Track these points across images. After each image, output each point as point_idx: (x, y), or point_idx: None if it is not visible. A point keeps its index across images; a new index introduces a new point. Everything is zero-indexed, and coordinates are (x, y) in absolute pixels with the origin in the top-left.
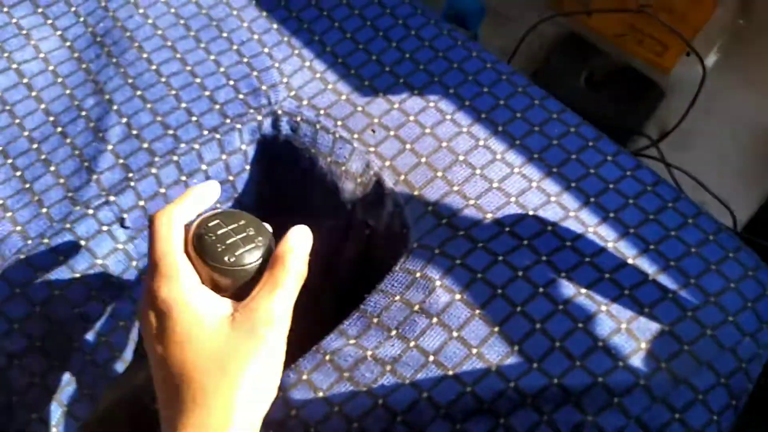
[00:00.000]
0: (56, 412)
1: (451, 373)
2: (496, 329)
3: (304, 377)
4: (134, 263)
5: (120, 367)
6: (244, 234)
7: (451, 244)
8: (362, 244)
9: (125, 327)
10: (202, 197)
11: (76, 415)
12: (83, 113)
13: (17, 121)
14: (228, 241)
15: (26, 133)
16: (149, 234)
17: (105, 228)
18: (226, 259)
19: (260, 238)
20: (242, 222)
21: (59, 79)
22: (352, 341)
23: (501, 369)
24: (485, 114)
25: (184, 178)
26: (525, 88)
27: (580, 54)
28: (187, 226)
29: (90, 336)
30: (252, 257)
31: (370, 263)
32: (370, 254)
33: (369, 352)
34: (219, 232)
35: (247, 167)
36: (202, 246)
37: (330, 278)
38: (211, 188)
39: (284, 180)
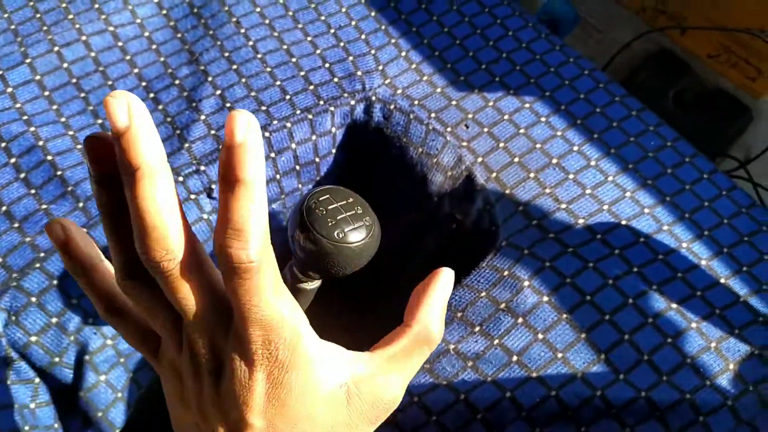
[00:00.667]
0: (122, 378)
1: (534, 375)
2: (583, 335)
3: None
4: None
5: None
6: (353, 212)
7: (540, 246)
8: (445, 238)
9: None
10: None
11: (140, 382)
12: (176, 82)
13: (109, 83)
14: (338, 217)
15: None
16: None
17: (193, 196)
18: (335, 234)
19: (368, 218)
20: (350, 200)
21: (154, 46)
22: None
23: (586, 376)
24: (581, 120)
25: (273, 155)
26: (622, 98)
27: (670, 72)
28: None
29: None
30: (359, 236)
31: (450, 259)
32: (451, 249)
33: (451, 346)
34: (329, 207)
35: (333, 151)
36: (312, 218)
37: (404, 271)
38: None
39: (369, 167)
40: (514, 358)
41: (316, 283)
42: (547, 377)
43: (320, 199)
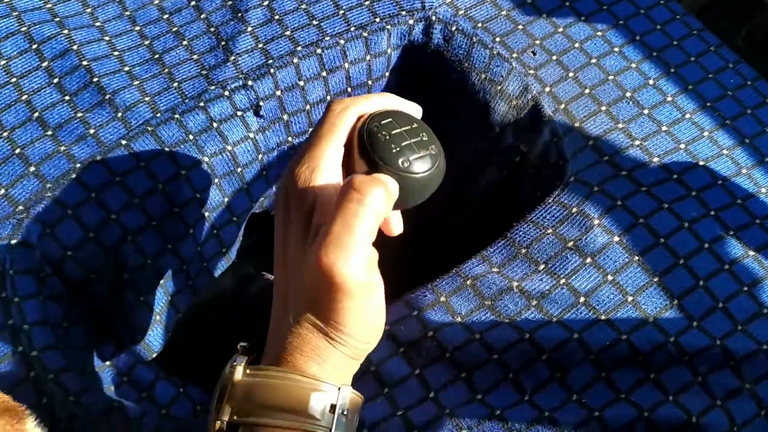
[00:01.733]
0: (161, 300)
1: (603, 318)
2: (656, 279)
3: (442, 299)
4: (260, 156)
5: (223, 264)
6: (418, 138)
7: (612, 183)
8: (506, 171)
9: (237, 223)
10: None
11: (178, 306)
12: None
13: None
14: (403, 143)
15: (157, 1)
16: (323, 115)
17: (239, 113)
18: (400, 162)
19: (433, 147)
20: (414, 125)
21: None
22: (495, 269)
23: (659, 322)
24: (656, 52)
25: (324, 73)
26: (699, 32)
27: (742, 10)
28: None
29: (205, 225)
30: (425, 165)
31: (512, 193)
32: (513, 183)
33: (515, 283)
34: (393, 131)
35: (387, 74)
36: (374, 143)
37: (461, 204)
38: (409, 107)
39: (424, 92)
40: (582, 299)
41: None
42: (617, 320)
43: (382, 122)
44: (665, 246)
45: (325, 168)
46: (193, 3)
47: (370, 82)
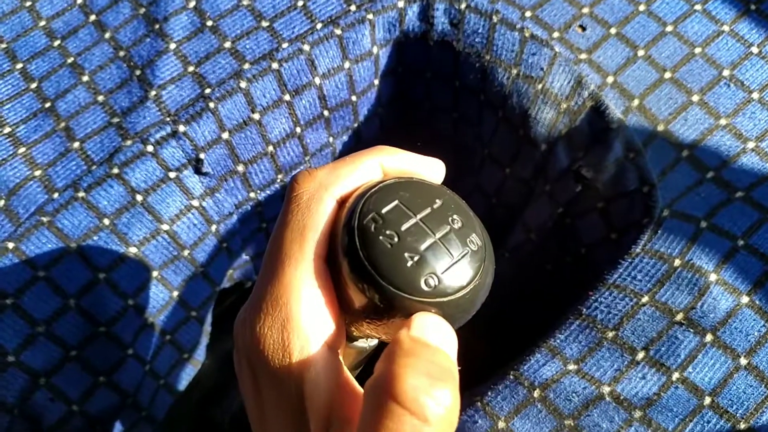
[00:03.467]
0: None
1: (743, 426)
2: None
3: (501, 425)
4: (214, 228)
5: (189, 372)
6: (447, 228)
7: (725, 213)
8: (562, 207)
9: (198, 317)
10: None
11: None
12: None
13: (28, 3)
14: (422, 246)
15: (42, 23)
16: (285, 207)
17: (173, 174)
18: (422, 283)
19: (473, 236)
20: (437, 203)
21: None
22: (572, 366)
23: None
24: (755, 4)
25: (287, 97)
26: None
27: None
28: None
29: (150, 335)
30: (464, 275)
31: (575, 243)
32: (574, 227)
33: (605, 388)
34: (403, 226)
35: (377, 82)
36: (374, 255)
37: (498, 258)
38: (423, 166)
39: (431, 102)
40: (707, 399)
41: (374, 342)
42: (763, 428)
43: (383, 210)
44: None
45: (303, 314)
46: (93, 18)
47: (354, 98)
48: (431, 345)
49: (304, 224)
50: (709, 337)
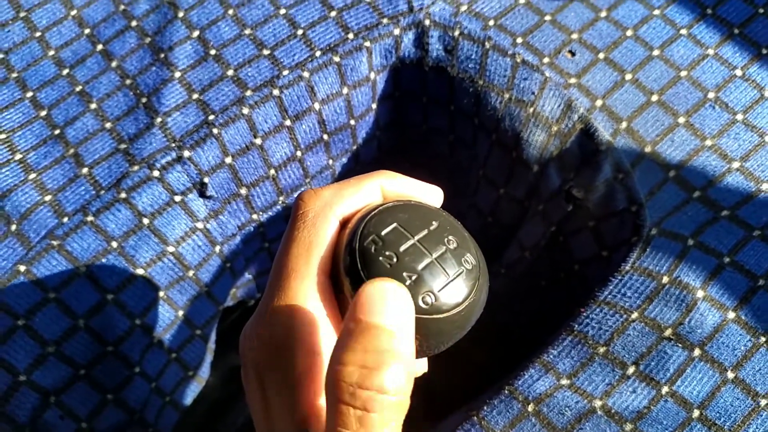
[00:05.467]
0: None
1: None
2: None
3: None
4: (218, 249)
5: (194, 389)
6: (443, 249)
7: (712, 231)
8: (555, 226)
9: (203, 335)
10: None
11: None
12: (134, 23)
13: (38, 34)
14: (420, 266)
15: (52, 52)
16: (291, 224)
17: (178, 198)
18: (420, 300)
19: (468, 255)
20: (434, 224)
21: None
22: (564, 381)
23: None
24: (738, 29)
25: (288, 122)
26: None
27: None
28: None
29: (156, 354)
30: (459, 293)
31: (566, 260)
32: (566, 244)
33: (597, 402)
34: (402, 247)
35: (374, 106)
36: (373, 273)
37: (493, 276)
38: (421, 191)
39: (427, 126)
40: (696, 413)
41: None
42: None
43: (383, 232)
44: None
45: (307, 326)
46: (100, 47)
47: (352, 122)
48: (371, 326)
49: (310, 241)
50: (697, 352)
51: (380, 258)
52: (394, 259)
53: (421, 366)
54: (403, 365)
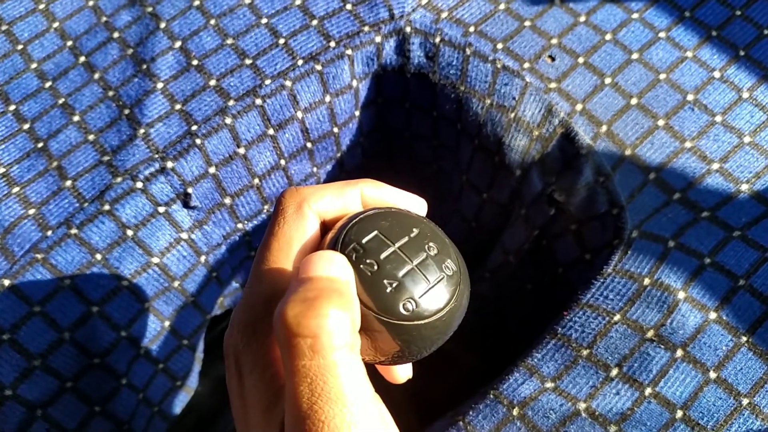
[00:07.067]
0: None
1: None
2: None
3: None
4: (203, 258)
5: (183, 399)
6: (423, 255)
7: (693, 232)
8: (537, 230)
9: (190, 345)
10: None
11: None
12: (116, 35)
13: (20, 46)
14: (401, 273)
15: (34, 65)
16: (272, 220)
17: (162, 209)
18: (400, 307)
19: (448, 261)
20: (414, 231)
21: None
22: (549, 384)
23: None
24: (716, 30)
25: (271, 131)
26: None
27: None
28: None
29: (142, 365)
30: (440, 299)
31: (550, 263)
32: (549, 248)
33: (581, 404)
34: (383, 254)
35: (357, 113)
36: (355, 281)
37: (478, 279)
38: (402, 200)
39: (409, 133)
40: (679, 413)
41: None
42: None
43: (364, 240)
44: None
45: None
46: (82, 59)
47: (336, 130)
48: (312, 277)
49: (291, 236)
50: (679, 353)
51: (361, 266)
52: (375, 267)
53: (406, 372)
54: (343, 300)
